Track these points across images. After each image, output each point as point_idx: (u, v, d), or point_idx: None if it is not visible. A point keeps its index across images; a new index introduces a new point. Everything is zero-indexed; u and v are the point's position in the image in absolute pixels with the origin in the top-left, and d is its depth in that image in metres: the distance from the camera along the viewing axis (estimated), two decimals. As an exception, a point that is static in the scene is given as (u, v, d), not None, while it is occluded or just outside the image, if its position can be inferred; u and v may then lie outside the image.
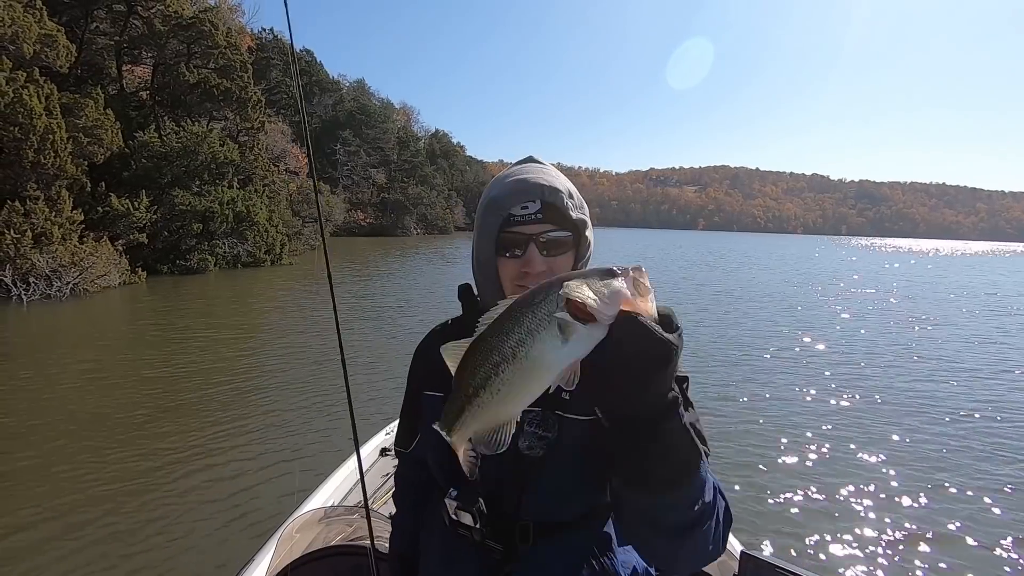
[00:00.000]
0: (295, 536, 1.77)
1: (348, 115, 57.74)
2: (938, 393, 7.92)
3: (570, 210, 1.00)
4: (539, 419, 0.96)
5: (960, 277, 31.61)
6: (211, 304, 14.28)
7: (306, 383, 7.41)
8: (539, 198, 0.98)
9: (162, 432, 5.61)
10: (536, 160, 1.08)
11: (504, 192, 1.00)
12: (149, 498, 4.30)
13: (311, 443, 5.47)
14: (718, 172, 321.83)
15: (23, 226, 13.47)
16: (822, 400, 7.40)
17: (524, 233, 0.98)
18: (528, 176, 1.01)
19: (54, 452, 5.07)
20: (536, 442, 0.96)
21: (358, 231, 51.03)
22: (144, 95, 23.89)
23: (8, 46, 14.10)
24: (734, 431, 6.13)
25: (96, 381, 7.26)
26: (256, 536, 3.71)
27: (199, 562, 3.54)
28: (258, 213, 22.47)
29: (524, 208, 0.99)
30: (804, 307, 16.36)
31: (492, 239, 1.01)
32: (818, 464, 5.38)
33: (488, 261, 1.02)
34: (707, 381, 7.95)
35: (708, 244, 72.32)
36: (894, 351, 10.55)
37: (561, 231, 0.99)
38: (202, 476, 4.72)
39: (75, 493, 4.33)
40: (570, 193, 1.01)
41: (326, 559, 1.60)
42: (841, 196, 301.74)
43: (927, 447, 5.86)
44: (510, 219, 0.99)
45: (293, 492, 4.03)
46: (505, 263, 1.00)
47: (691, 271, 28.63)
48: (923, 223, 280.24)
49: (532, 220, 0.98)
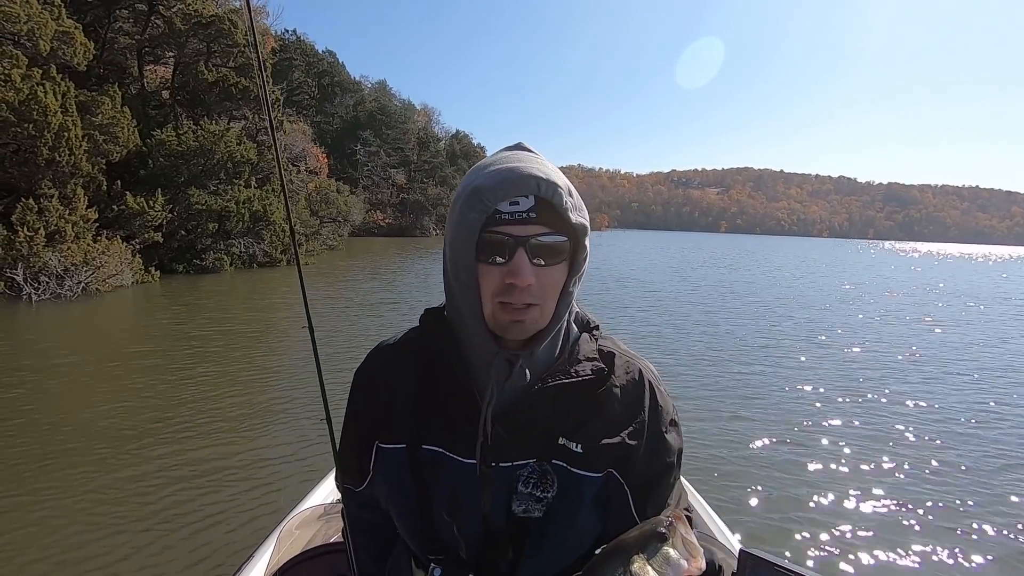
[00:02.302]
0: (295, 532, 1.73)
1: (369, 115, 57.86)
2: (956, 393, 7.85)
3: (569, 211, 0.78)
4: (536, 477, 0.81)
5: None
6: (222, 303, 14.01)
7: (313, 381, 7.22)
8: (533, 193, 0.76)
9: (162, 432, 5.53)
10: (527, 147, 0.85)
11: (491, 182, 0.77)
12: (148, 494, 4.25)
13: (315, 442, 5.38)
14: (741, 174, 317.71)
15: (36, 224, 13.31)
16: (827, 399, 7.35)
17: (513, 235, 0.76)
18: (520, 165, 0.78)
19: (53, 453, 4.97)
20: (533, 504, 0.81)
21: (377, 231, 51.05)
22: (165, 94, 23.94)
23: (24, 42, 13.99)
24: (736, 430, 6.09)
25: (97, 381, 7.12)
26: (256, 531, 3.70)
27: (199, 558, 3.49)
28: (275, 213, 22.27)
29: (515, 204, 0.76)
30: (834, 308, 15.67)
31: (472, 239, 0.77)
32: (819, 463, 5.30)
33: (468, 267, 0.78)
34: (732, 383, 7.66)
35: (743, 247, 70.93)
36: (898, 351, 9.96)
37: (558, 235, 0.78)
38: (203, 472, 4.67)
39: (75, 493, 4.27)
40: (570, 191, 0.79)
41: (326, 556, 1.55)
42: (869, 199, 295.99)
43: (932, 446, 5.82)
44: (496, 216, 0.76)
45: (295, 489, 4.02)
46: (487, 270, 0.78)
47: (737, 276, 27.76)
48: (954, 227, 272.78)
49: (524, 219, 0.76)
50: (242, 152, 21.06)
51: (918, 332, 12.96)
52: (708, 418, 6.37)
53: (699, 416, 6.36)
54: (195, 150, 19.80)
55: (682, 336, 11.34)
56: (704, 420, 6.27)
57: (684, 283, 22.65)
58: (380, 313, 13.19)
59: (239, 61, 23.24)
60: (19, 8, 13.45)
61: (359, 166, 53.65)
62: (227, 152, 20.46)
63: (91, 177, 15.96)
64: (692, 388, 7.58)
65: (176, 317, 11.92)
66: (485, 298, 0.79)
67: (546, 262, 0.77)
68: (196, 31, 22.06)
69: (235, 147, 20.79)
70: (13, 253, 12.79)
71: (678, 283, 22.53)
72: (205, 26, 21.99)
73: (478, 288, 0.79)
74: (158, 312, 12.84)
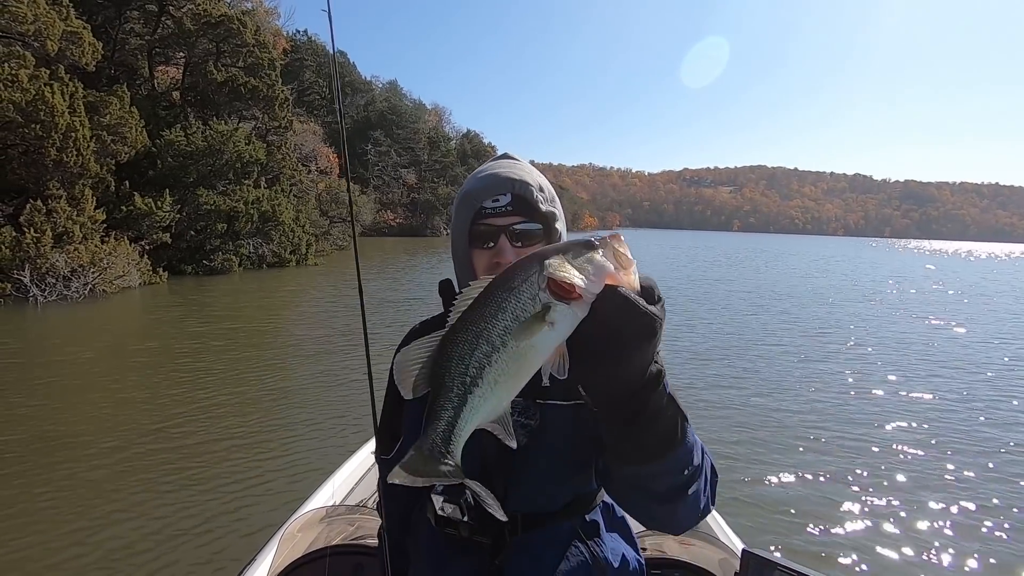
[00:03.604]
0: (297, 535, 1.72)
1: (379, 115, 57.88)
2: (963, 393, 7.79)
3: (540, 203, 1.02)
4: (521, 407, 0.97)
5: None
6: (230, 304, 13.88)
7: (320, 383, 7.41)
8: (509, 191, 1.01)
9: (162, 432, 5.50)
10: (511, 156, 1.12)
11: (477, 186, 1.03)
12: (151, 497, 4.23)
13: (320, 445, 5.40)
14: (754, 172, 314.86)
15: (44, 225, 13.23)
16: (828, 400, 7.30)
17: (495, 224, 1.00)
18: (500, 171, 1.04)
19: (54, 454, 4.97)
20: (519, 430, 0.93)
21: (387, 231, 50.97)
22: (176, 95, 23.95)
23: (32, 42, 13.92)
24: (736, 430, 6.10)
25: (96, 383, 7.08)
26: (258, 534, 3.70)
27: (202, 560, 3.49)
28: (284, 213, 22.16)
29: (495, 201, 1.01)
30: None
31: (465, 231, 1.04)
32: (821, 462, 5.29)
33: (464, 253, 1.05)
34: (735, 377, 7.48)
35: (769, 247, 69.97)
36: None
37: (531, 223, 1.01)
38: (206, 475, 4.65)
39: (74, 493, 4.28)
40: (540, 187, 1.03)
41: (327, 558, 1.57)
42: (885, 197, 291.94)
43: (936, 445, 5.78)
44: (482, 211, 1.01)
45: (297, 492, 4.07)
46: (479, 254, 1.02)
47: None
48: (974, 225, 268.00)
49: (502, 212, 1.00)
50: (251, 152, 20.95)
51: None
52: (708, 418, 6.38)
53: (700, 417, 6.32)
54: (203, 150, 19.73)
55: (687, 334, 11.04)
56: (704, 420, 6.25)
57: (693, 284, 22.17)
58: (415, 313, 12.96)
59: (248, 61, 23.18)
60: (26, 8, 13.37)
61: (370, 166, 53.63)
62: (235, 152, 20.36)
63: (100, 178, 15.88)
64: (693, 388, 7.52)
65: (179, 318, 11.76)
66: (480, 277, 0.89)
67: (524, 244, 1.00)
68: (205, 31, 22.01)
69: (243, 147, 20.68)
70: (21, 254, 12.72)
71: (688, 284, 22.08)
72: (214, 26, 21.94)
73: (474, 270, 1.04)
74: (161, 312, 12.73)
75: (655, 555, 1.54)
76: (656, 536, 1.64)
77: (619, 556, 1.00)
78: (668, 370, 0.77)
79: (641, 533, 1.73)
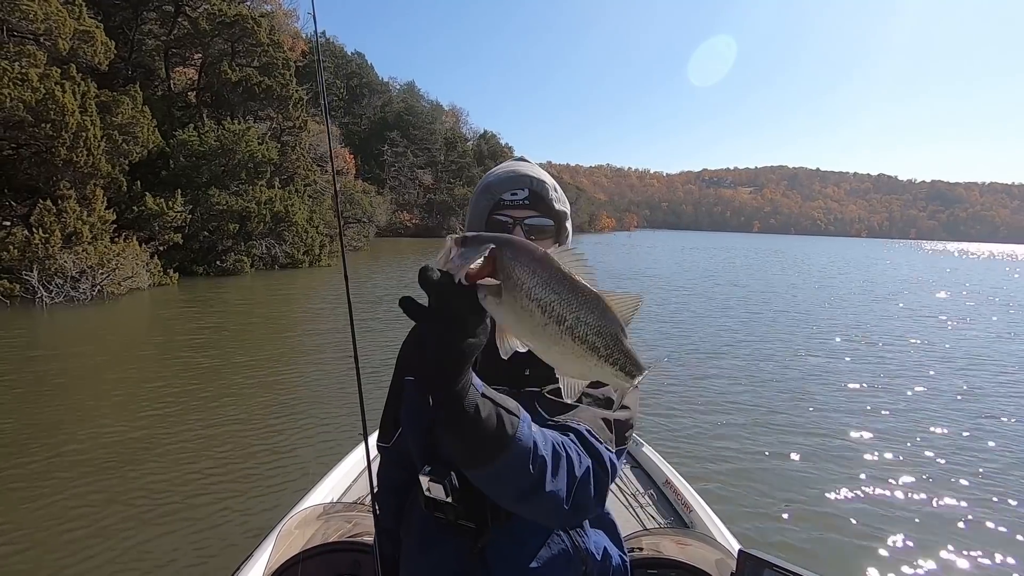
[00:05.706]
0: (294, 532, 1.69)
1: (396, 116, 57.80)
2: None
3: (554, 201, 1.10)
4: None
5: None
6: (240, 306, 13.64)
7: (319, 382, 7.44)
8: (527, 187, 1.08)
9: (161, 431, 5.54)
10: (525, 159, 1.19)
11: (498, 179, 1.11)
12: (148, 496, 4.25)
13: (319, 442, 5.43)
14: (775, 172, 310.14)
15: (53, 226, 13.08)
16: (828, 401, 7.31)
17: (512, 216, 1.07)
18: (519, 168, 1.12)
19: (56, 455, 4.96)
20: None
21: (403, 232, 50.78)
22: (192, 96, 23.92)
23: (43, 41, 13.81)
24: (737, 429, 6.14)
25: (97, 383, 7.11)
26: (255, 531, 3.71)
27: (199, 558, 3.51)
28: (297, 213, 21.94)
29: (514, 194, 1.08)
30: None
31: (483, 220, 1.09)
32: (819, 461, 5.31)
33: None
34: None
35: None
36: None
37: (545, 218, 1.09)
38: (203, 473, 4.68)
39: (73, 493, 4.30)
40: (555, 187, 1.12)
41: (325, 555, 1.57)
42: (910, 197, 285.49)
43: (935, 445, 5.82)
44: (500, 203, 1.08)
45: (294, 489, 4.09)
46: None
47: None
48: (1004, 226, 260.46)
49: (520, 205, 1.07)
50: (263, 152, 20.74)
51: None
52: (709, 414, 6.44)
53: (700, 415, 6.38)
54: (216, 150, 19.57)
55: (685, 334, 10.64)
56: (705, 419, 6.26)
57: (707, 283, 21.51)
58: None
59: (262, 61, 23.07)
60: (36, 6, 13.24)
61: (386, 167, 53.51)
62: (248, 152, 20.16)
63: (111, 178, 15.73)
64: (692, 388, 7.42)
65: (186, 319, 11.50)
66: None
67: (536, 238, 1.05)
68: (220, 31, 21.93)
69: (256, 147, 20.48)
70: (29, 255, 12.57)
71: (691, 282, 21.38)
72: (229, 25, 21.85)
73: None
74: (167, 313, 12.50)
75: (651, 555, 1.54)
76: (653, 536, 1.71)
77: (601, 550, 1.04)
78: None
79: (639, 533, 1.75)
